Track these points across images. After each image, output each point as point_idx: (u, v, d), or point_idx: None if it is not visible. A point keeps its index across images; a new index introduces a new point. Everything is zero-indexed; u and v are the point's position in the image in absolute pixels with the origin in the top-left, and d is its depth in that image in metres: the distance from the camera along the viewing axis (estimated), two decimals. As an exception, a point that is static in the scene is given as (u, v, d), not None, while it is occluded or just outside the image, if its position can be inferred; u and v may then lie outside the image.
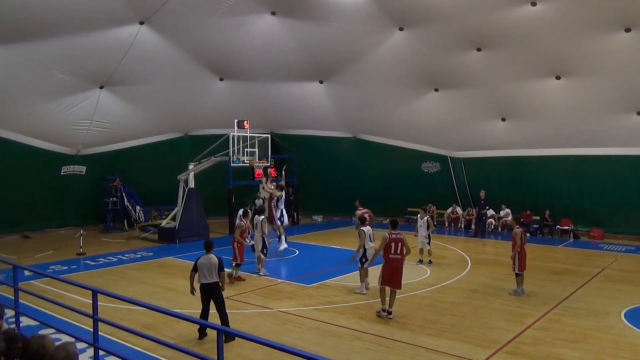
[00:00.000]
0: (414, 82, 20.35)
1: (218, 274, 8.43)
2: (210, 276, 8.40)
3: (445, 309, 10.11)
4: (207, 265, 8.45)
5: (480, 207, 20.28)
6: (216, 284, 8.44)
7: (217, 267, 8.42)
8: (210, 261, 8.50)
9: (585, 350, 7.90)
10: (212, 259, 8.53)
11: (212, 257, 8.57)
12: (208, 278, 8.40)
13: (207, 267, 8.43)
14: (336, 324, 9.10)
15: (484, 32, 17.59)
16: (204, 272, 8.44)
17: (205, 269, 8.44)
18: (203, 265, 8.48)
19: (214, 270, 8.41)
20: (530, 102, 18.94)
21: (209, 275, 8.40)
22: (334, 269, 13.67)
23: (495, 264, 14.85)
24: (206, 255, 8.69)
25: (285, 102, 22.40)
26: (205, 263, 8.50)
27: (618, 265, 14.67)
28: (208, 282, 8.40)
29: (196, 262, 8.62)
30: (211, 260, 8.50)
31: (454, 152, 22.14)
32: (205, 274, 8.42)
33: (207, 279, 8.40)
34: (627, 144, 18.04)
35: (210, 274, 8.41)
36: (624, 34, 15.68)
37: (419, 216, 14.98)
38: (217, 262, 8.45)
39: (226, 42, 18.90)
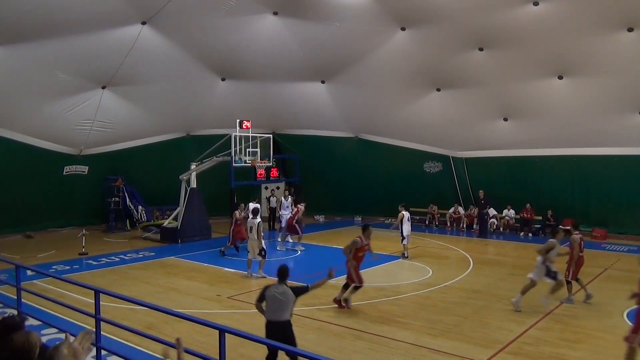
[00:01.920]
0: (416, 82, 20.34)
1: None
2: (282, 313, 6.58)
3: (448, 309, 10.09)
4: (279, 301, 6.59)
5: (480, 206, 20.26)
6: (288, 323, 6.62)
7: (293, 303, 6.67)
8: (284, 295, 6.61)
9: (588, 350, 7.88)
10: (286, 294, 6.63)
11: (286, 291, 6.65)
12: (278, 315, 6.57)
13: (279, 303, 6.58)
14: (338, 323, 9.10)
15: (486, 32, 17.57)
16: (273, 308, 6.62)
17: (277, 305, 6.60)
18: (273, 299, 6.63)
19: (288, 306, 6.62)
20: (533, 102, 18.91)
21: (280, 312, 6.58)
22: (336, 269, 13.64)
23: (497, 264, 14.84)
24: (278, 285, 6.77)
25: (287, 102, 22.42)
26: (276, 297, 6.61)
27: (620, 265, 14.63)
28: (278, 321, 6.55)
29: (264, 292, 6.80)
30: (286, 295, 6.62)
31: (456, 152, 22.12)
32: (276, 310, 6.60)
33: (277, 316, 6.58)
34: (629, 144, 18.02)
35: (282, 310, 6.58)
36: (627, 34, 15.65)
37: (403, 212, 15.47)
38: (294, 297, 6.66)
39: (228, 42, 18.91)
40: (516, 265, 14.79)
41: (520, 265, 14.70)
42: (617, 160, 18.42)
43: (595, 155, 18.78)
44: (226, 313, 9.76)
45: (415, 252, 16.34)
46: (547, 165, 19.86)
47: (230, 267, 13.86)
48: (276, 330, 6.47)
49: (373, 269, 13.83)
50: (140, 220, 21.21)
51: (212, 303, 10.46)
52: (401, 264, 14.67)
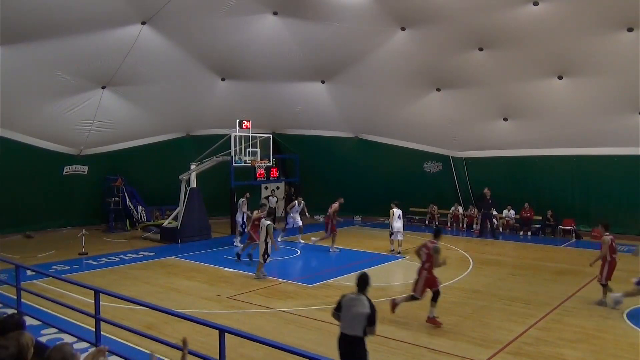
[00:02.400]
0: (416, 82, 20.35)
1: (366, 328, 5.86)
2: (354, 327, 5.86)
3: (447, 309, 10.09)
4: (353, 311, 5.91)
5: (486, 207, 20.15)
6: (360, 340, 5.88)
7: (365, 317, 5.84)
8: (358, 306, 5.91)
9: (588, 350, 7.88)
10: (362, 304, 5.92)
11: (362, 301, 5.96)
12: (350, 329, 5.90)
13: (353, 315, 5.91)
14: (338, 324, 9.08)
15: (485, 32, 17.58)
16: (346, 319, 5.95)
17: (350, 315, 5.93)
18: (348, 309, 5.98)
19: (361, 320, 5.84)
20: (533, 102, 18.91)
21: (351, 325, 5.89)
22: (336, 268, 13.68)
23: (497, 264, 14.84)
24: (356, 294, 6.09)
25: (287, 102, 22.43)
26: (351, 306, 5.95)
27: (620, 265, 14.45)
28: (348, 335, 5.90)
29: (340, 301, 6.14)
30: (361, 306, 5.90)
31: (455, 152, 22.12)
32: (348, 322, 5.92)
33: (349, 329, 5.91)
34: (629, 144, 18.03)
35: (354, 323, 5.86)
36: (627, 34, 15.66)
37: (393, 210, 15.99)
38: (369, 311, 5.87)
39: (228, 42, 18.92)
40: (516, 265, 14.80)
41: (520, 265, 14.74)
42: (617, 160, 18.42)
43: (595, 155, 18.79)
44: (226, 313, 9.76)
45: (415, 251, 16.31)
46: (547, 165, 19.87)
47: (230, 268, 13.86)
48: (345, 345, 5.91)
49: (373, 269, 13.87)
50: (140, 220, 21.22)
51: (212, 303, 10.47)
52: (400, 263, 14.66)
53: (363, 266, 13.77)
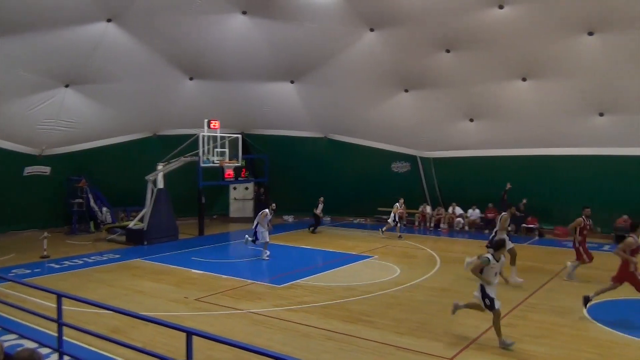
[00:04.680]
0: (385, 83, 20.54)
1: None
2: None
3: (415, 307, 10.21)
4: None
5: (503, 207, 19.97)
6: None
7: None
8: None
9: (551, 345, 8.09)
10: None
11: None
12: None
13: None
14: (307, 324, 9.09)
15: (452, 34, 17.90)
16: None
17: None
18: None
19: None
20: (498, 103, 19.34)
21: None
22: (305, 269, 13.68)
23: (463, 263, 15.06)
24: None
25: (256, 102, 22.31)
26: None
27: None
28: None
29: None
30: None
31: (423, 152, 22.41)
32: None
33: None
34: (591, 145, 18.55)
35: None
36: (588, 38, 16.20)
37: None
38: None
39: (196, 41, 18.72)
40: (482, 264, 15.07)
41: (486, 263, 15.02)
42: (580, 160, 18.95)
43: (558, 156, 19.28)
44: (194, 315, 9.64)
45: (384, 251, 16.48)
46: (512, 164, 20.23)
47: (198, 269, 13.70)
48: None
49: (342, 268, 13.94)
50: (104, 222, 20.76)
51: (179, 305, 10.32)
52: (370, 263, 14.76)
53: (333, 266, 13.85)
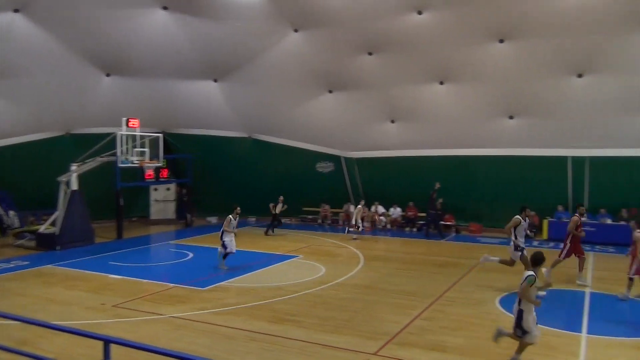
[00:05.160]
0: (309, 83, 20.71)
1: None
2: None
3: (340, 305, 10.37)
4: None
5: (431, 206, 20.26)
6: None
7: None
8: None
9: (466, 336, 8.51)
10: None
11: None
12: None
13: None
14: (231, 326, 8.98)
15: (375, 38, 18.37)
16: None
17: None
18: None
19: None
20: (418, 106, 20.06)
21: None
22: (230, 270, 13.49)
23: (386, 260, 15.51)
24: None
25: (178, 101, 21.71)
26: None
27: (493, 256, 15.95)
28: None
29: None
30: None
31: (347, 152, 22.79)
32: None
33: None
34: (501, 145, 19.66)
35: None
36: (498, 45, 17.18)
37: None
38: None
39: (113, 35, 17.95)
40: (403, 261, 15.61)
41: (407, 260, 15.58)
42: (492, 161, 20.02)
43: (472, 156, 20.26)
44: (112, 322, 9.23)
45: (308, 250, 16.60)
46: (431, 165, 21.04)
47: (116, 274, 13.11)
48: None
49: (267, 269, 13.89)
50: (11, 226, 19.35)
51: (96, 313, 9.83)
52: (295, 263, 14.82)
53: (258, 267, 13.77)
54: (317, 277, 12.86)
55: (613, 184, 18.33)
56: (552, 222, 19.12)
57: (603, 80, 16.86)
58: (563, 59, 16.90)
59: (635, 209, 18.17)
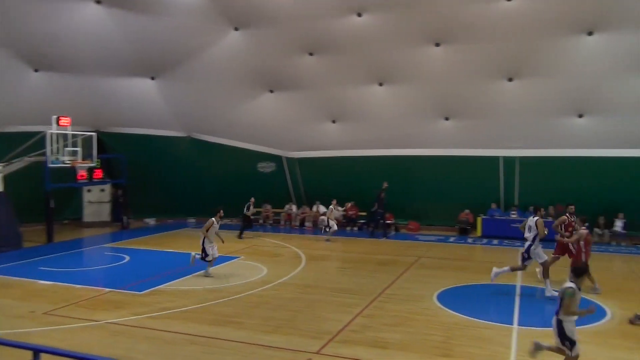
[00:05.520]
0: (250, 83, 20.56)
1: None
2: None
3: (281, 305, 10.36)
4: None
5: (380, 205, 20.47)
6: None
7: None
8: None
9: (405, 332, 8.73)
10: None
11: None
12: None
13: None
14: (170, 330, 8.77)
15: (315, 38, 18.49)
16: None
17: None
18: None
19: None
20: (357, 106, 20.35)
21: None
22: (168, 273, 13.16)
23: (327, 259, 15.66)
24: None
25: (113, 98, 20.93)
26: None
27: (431, 253, 16.50)
28: None
29: None
30: None
31: (289, 152, 22.80)
32: None
33: None
34: (438, 146, 20.28)
35: None
36: (435, 48, 17.73)
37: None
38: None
39: (42, 29, 17.09)
40: (344, 259, 15.82)
41: (348, 259, 15.79)
42: (428, 160, 20.62)
43: (410, 156, 20.77)
44: (43, 331, 8.78)
45: (250, 251, 16.48)
46: (371, 164, 21.42)
47: (47, 280, 12.48)
48: None
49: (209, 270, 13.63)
50: None
51: (25, 321, 9.31)
52: (236, 264, 14.66)
53: (198, 269, 13.50)
54: (259, 277, 12.79)
55: (541, 183, 19.34)
56: (485, 219, 19.96)
57: (532, 84, 17.77)
58: (495, 64, 17.66)
59: (560, 206, 19.27)
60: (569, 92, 17.47)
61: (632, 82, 16.69)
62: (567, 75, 17.17)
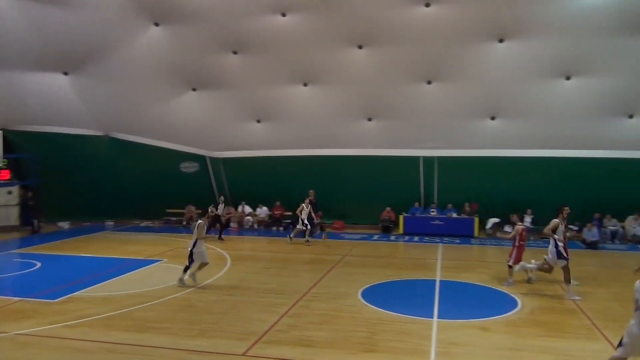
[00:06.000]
0: (172, 81, 20.03)
1: None
2: None
3: (206, 308, 10.16)
4: None
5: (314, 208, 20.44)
6: None
7: None
8: None
9: (331, 330, 8.84)
10: None
11: None
12: None
13: None
14: (87, 339, 8.33)
15: (239, 37, 18.33)
16: None
17: None
18: None
19: None
20: (283, 106, 20.39)
21: None
22: (84, 279, 12.50)
23: (252, 259, 15.54)
24: None
25: (21, 94, 19.57)
26: None
27: (356, 251, 16.83)
28: None
29: None
30: None
31: (213, 152, 22.40)
32: None
33: None
34: (360, 146, 20.73)
35: None
36: (358, 50, 18.12)
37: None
38: None
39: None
40: (270, 259, 15.76)
41: (273, 259, 15.76)
42: (353, 160, 20.99)
43: (335, 156, 21.05)
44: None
45: (172, 254, 16.01)
46: (297, 164, 21.49)
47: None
48: None
49: (127, 275, 13.12)
50: None
51: None
52: (158, 267, 14.19)
53: (116, 274, 12.96)
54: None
55: (458, 181, 20.29)
56: (407, 217, 20.66)
57: (449, 87, 18.62)
58: (415, 67, 18.33)
59: (475, 204, 20.36)
60: (482, 95, 18.50)
61: (538, 87, 17.93)
62: (480, 80, 18.16)
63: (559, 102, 17.95)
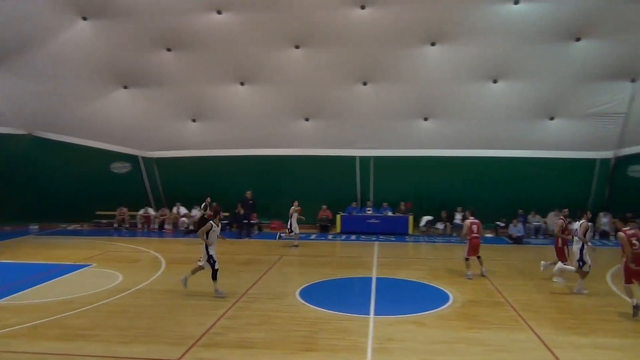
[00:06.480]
0: (101, 78, 19.27)
1: None
2: None
3: (140, 313, 9.85)
4: None
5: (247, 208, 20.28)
6: None
7: None
8: None
9: (270, 330, 8.82)
10: None
11: None
12: None
13: None
14: (11, 350, 7.86)
15: (173, 33, 17.91)
16: None
17: None
18: None
19: None
20: (219, 105, 20.10)
21: None
22: (8, 286, 11.79)
23: (188, 262, 15.15)
24: None
25: None
26: None
27: (293, 251, 16.88)
28: None
29: None
30: None
31: (145, 152, 21.74)
32: None
33: None
34: (299, 146, 20.79)
35: None
36: (295, 50, 18.18)
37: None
38: None
39: None
40: (207, 261, 15.46)
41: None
42: (290, 160, 21.01)
43: (273, 156, 20.99)
44: None
45: (103, 257, 15.42)
46: (234, 164, 21.23)
47: None
48: None
49: (54, 281, 12.50)
50: None
51: None
52: (87, 272, 13.60)
53: (42, 280, 12.33)
54: (114, 285, 12.01)
55: (393, 181, 20.79)
56: (344, 216, 20.95)
57: (384, 88, 19.02)
58: (351, 68, 18.58)
59: (410, 202, 20.95)
60: (416, 97, 19.04)
61: (468, 90, 18.67)
62: (414, 82, 18.68)
63: (487, 104, 18.79)
